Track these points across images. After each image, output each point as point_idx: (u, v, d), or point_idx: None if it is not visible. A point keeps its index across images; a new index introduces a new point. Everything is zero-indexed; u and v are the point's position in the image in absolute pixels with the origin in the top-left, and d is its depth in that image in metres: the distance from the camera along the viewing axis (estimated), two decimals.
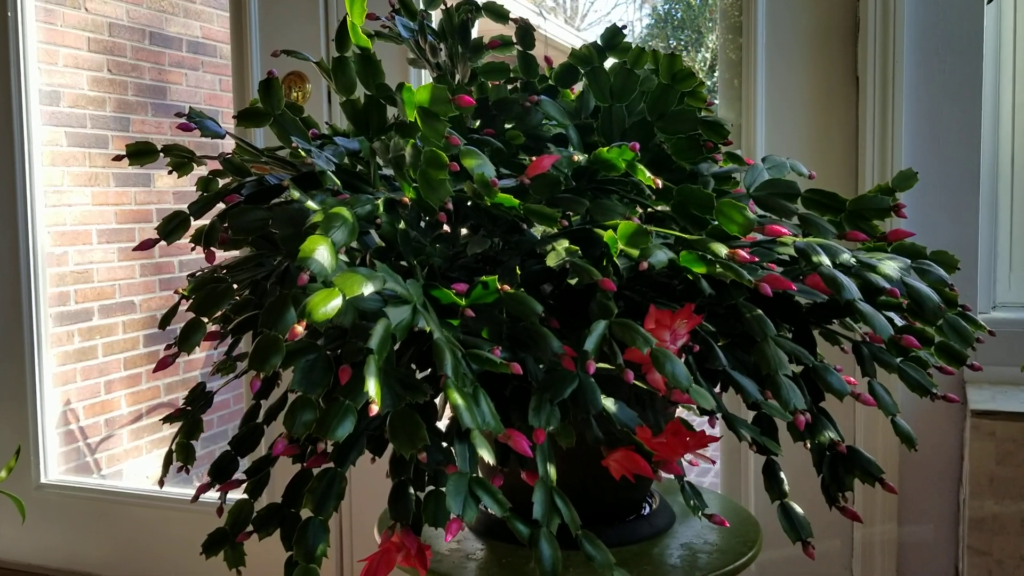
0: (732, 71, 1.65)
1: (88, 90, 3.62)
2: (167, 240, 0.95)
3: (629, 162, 0.86)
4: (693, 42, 8.60)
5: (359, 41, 0.84)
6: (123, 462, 3.89)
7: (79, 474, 3.61)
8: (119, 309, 3.80)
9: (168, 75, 4.06)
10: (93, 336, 3.67)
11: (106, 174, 3.71)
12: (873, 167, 1.51)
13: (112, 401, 3.80)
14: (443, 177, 0.78)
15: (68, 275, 3.52)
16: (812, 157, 1.58)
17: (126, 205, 3.82)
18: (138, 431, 3.95)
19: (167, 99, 4.03)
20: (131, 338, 3.89)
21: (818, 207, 0.96)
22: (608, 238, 0.85)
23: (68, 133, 3.51)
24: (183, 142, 4.10)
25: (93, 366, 3.67)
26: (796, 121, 1.59)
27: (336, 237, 0.75)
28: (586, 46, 1.00)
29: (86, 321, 3.62)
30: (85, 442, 3.71)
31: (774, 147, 1.59)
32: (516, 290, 0.82)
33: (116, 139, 3.76)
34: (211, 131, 0.94)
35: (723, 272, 0.82)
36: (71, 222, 3.53)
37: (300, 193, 0.77)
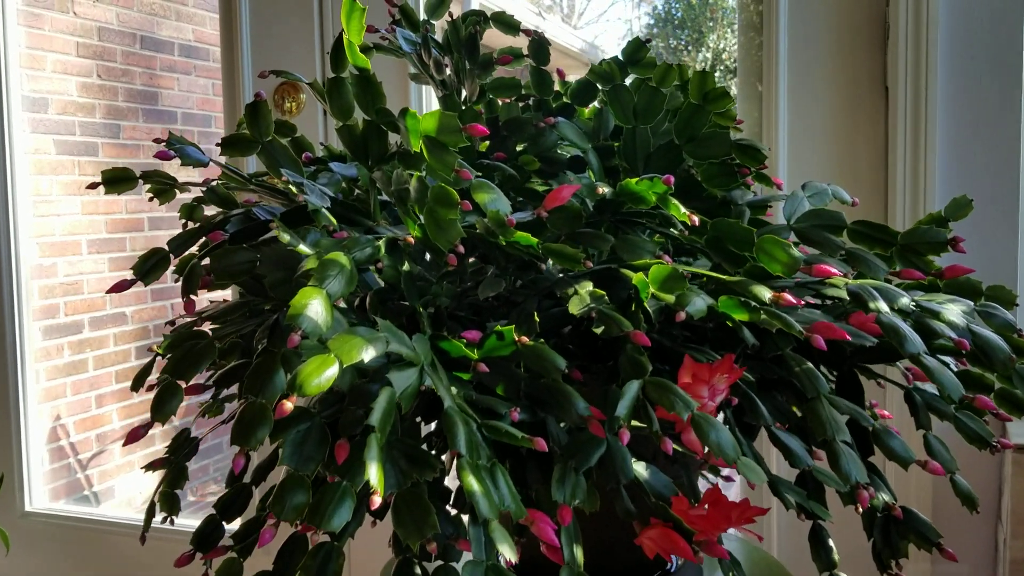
0: (752, 78, 1.55)
1: (77, 96, 3.52)
2: (144, 281, 0.86)
3: (661, 195, 0.76)
4: (694, 41, 8.51)
5: (357, 61, 0.74)
6: (115, 478, 3.79)
7: (70, 492, 3.51)
8: (110, 321, 3.71)
9: (160, 80, 3.96)
10: (83, 349, 3.58)
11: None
12: (904, 183, 1.42)
13: (103, 415, 3.70)
14: (453, 217, 0.68)
15: (57, 287, 3.42)
16: (837, 172, 1.48)
17: (117, 214, 3.72)
18: (130, 446, 3.86)
19: (159, 104, 3.93)
20: (122, 351, 3.79)
21: (865, 240, 0.86)
22: (638, 281, 0.75)
23: (56, 141, 3.41)
24: None
25: (83, 380, 3.58)
26: (820, 134, 1.49)
27: (332, 288, 0.65)
28: (606, 62, 0.91)
29: (76, 334, 3.52)
30: (76, 458, 3.61)
31: (796, 161, 1.50)
32: (536, 342, 0.73)
33: (106, 146, 3.67)
34: (193, 159, 0.85)
35: (768, 320, 0.72)
36: (60, 232, 3.44)
37: (290, 236, 0.68)
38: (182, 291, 0.75)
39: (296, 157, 0.81)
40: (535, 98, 1.00)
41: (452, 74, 1.00)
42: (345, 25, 0.72)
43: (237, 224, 0.82)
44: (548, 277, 0.81)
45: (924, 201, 1.41)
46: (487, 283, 0.80)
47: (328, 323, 0.63)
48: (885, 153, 1.46)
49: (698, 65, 8.36)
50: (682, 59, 8.45)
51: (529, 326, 0.76)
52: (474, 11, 1.02)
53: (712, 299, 0.75)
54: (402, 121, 0.72)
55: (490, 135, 0.97)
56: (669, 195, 0.76)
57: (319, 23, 1.78)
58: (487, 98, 1.03)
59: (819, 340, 0.71)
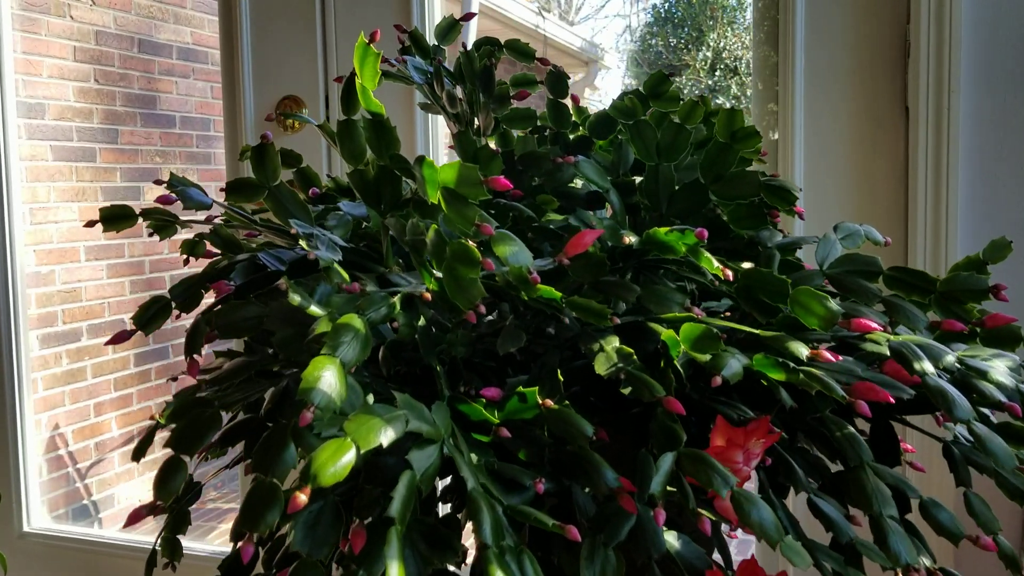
0: (767, 97, 1.51)
1: (74, 101, 3.47)
2: (144, 331, 0.82)
3: (692, 247, 0.72)
4: (693, 40, 8.45)
5: (371, 107, 0.70)
6: (115, 486, 3.75)
7: (69, 502, 3.47)
8: (109, 328, 3.66)
9: (158, 83, 3.91)
10: (82, 357, 3.53)
11: (94, 188, 3.56)
12: (925, 208, 1.37)
13: (102, 424, 3.66)
14: (474, 276, 0.64)
15: (55, 295, 3.38)
16: (855, 196, 1.44)
17: None
18: (130, 454, 3.81)
19: (157, 108, 3.88)
20: (121, 358, 3.75)
21: (902, 286, 0.82)
22: (668, 338, 0.71)
23: (53, 147, 3.37)
24: (175, 152, 3.94)
25: (82, 388, 3.53)
26: (837, 155, 1.45)
27: (346, 356, 0.61)
28: (628, 96, 0.86)
29: (74, 342, 3.48)
30: (75, 467, 3.57)
31: (812, 184, 1.45)
32: (561, 405, 0.69)
33: (104, 151, 3.62)
34: (195, 202, 0.81)
35: (807, 382, 0.68)
36: (58, 239, 3.39)
37: (301, 297, 0.63)
38: (185, 350, 0.71)
39: (303, 202, 0.77)
40: (551, 130, 0.95)
41: (465, 105, 0.96)
42: (359, 69, 0.67)
43: (243, 273, 0.78)
44: (571, 328, 0.77)
45: (946, 227, 1.36)
46: (507, 336, 0.75)
47: (342, 395, 0.59)
48: (905, 176, 1.41)
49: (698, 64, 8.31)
50: (682, 58, 8.41)
51: (552, 386, 0.72)
52: (488, 40, 0.97)
53: (747, 357, 0.71)
54: (418, 169, 0.68)
55: (505, 169, 0.93)
56: (700, 247, 0.71)
57: (321, 30, 1.73)
58: (501, 129, 0.99)
59: (863, 407, 0.67)
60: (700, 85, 7.20)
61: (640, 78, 8.77)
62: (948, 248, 1.37)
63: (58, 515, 3.45)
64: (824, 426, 0.72)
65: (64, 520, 3.46)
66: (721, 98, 6.81)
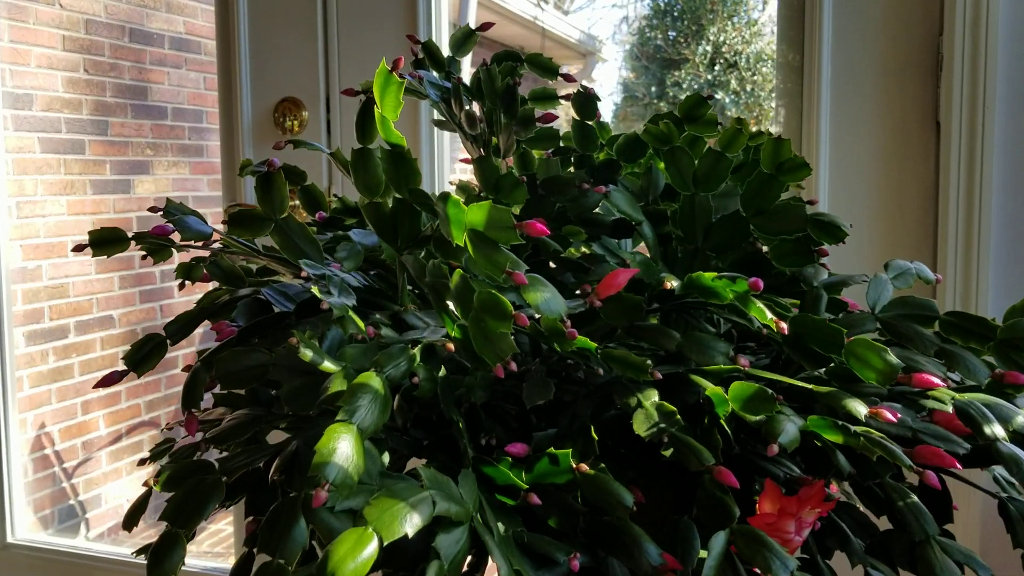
0: (790, 111, 1.45)
1: (63, 92, 3.38)
2: (137, 372, 0.75)
3: (741, 295, 0.66)
4: (693, 34, 8.37)
5: (391, 139, 0.63)
6: (102, 486, 3.67)
7: (55, 502, 3.40)
8: (97, 325, 3.58)
9: (149, 74, 3.82)
10: (69, 354, 3.46)
11: (83, 181, 3.48)
12: (956, 229, 1.31)
13: (89, 422, 3.58)
14: (505, 331, 0.58)
15: (42, 291, 3.30)
16: (882, 216, 1.38)
17: (104, 214, 3.59)
18: (118, 452, 3.74)
19: (148, 100, 3.79)
20: (110, 355, 3.67)
21: (958, 332, 0.76)
22: (714, 395, 0.65)
23: (41, 139, 3.28)
24: (166, 145, 3.86)
25: (69, 386, 3.46)
26: (864, 173, 1.39)
27: (364, 421, 0.54)
28: (664, 121, 0.80)
29: (62, 339, 3.40)
30: (61, 467, 3.50)
31: (836, 203, 1.39)
32: (596, 469, 0.62)
33: (94, 144, 3.53)
34: (193, 232, 0.74)
35: (868, 447, 0.62)
36: (45, 234, 3.31)
37: (313, 352, 0.57)
38: (183, 404, 0.64)
39: (313, 236, 0.70)
40: (577, 154, 0.89)
41: (484, 125, 0.89)
42: (379, 99, 0.60)
43: (245, 313, 0.71)
44: (604, 380, 0.70)
45: (978, 252, 1.30)
46: (534, 387, 0.69)
47: (360, 467, 0.52)
48: (935, 195, 1.35)
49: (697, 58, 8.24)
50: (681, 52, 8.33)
51: (586, 446, 0.65)
52: (509, 54, 0.91)
53: (801, 418, 0.64)
54: (442, 206, 0.61)
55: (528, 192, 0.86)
56: (751, 295, 0.65)
57: (322, 29, 1.66)
58: (521, 149, 0.92)
59: (932, 478, 0.60)
60: (699, 80, 7.14)
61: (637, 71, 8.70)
62: (980, 274, 1.31)
63: (44, 516, 3.38)
64: (884, 492, 0.66)
65: (50, 521, 3.39)
66: (720, 93, 6.76)
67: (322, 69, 1.67)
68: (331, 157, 0.81)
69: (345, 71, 1.67)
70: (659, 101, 6.59)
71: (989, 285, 1.32)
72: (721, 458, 0.63)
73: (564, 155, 0.91)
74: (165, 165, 3.88)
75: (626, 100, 6.69)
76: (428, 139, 1.53)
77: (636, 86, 6.76)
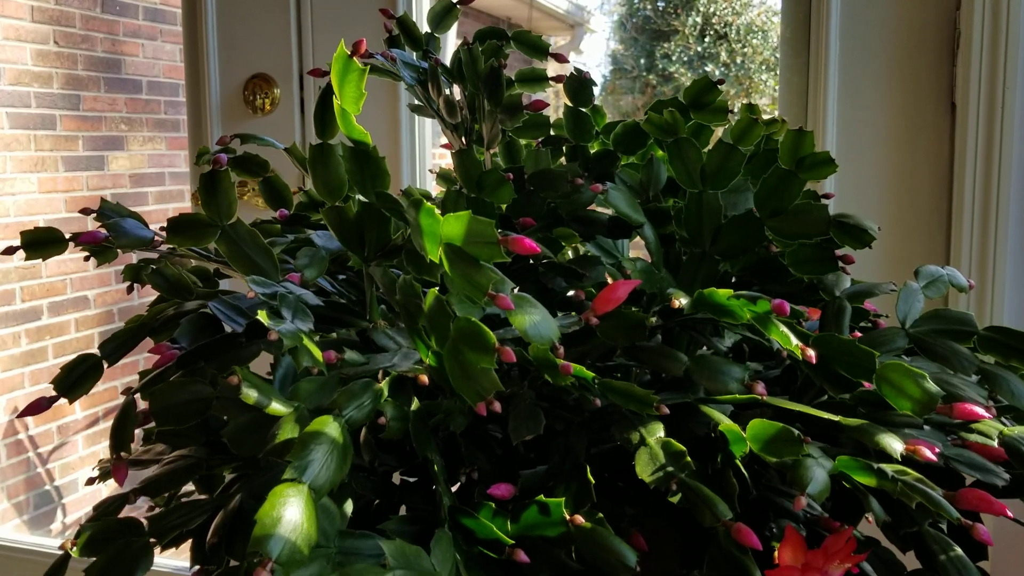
0: (795, 90, 1.35)
1: (32, 65, 3.25)
2: (69, 398, 0.66)
3: (761, 317, 0.57)
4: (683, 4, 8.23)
5: (353, 134, 0.54)
6: (78, 471, 3.58)
7: (29, 488, 3.31)
8: (71, 306, 3.48)
9: (123, 46, 3.68)
10: (43, 337, 3.35)
11: (54, 158, 3.36)
12: (972, 217, 1.23)
13: (64, 406, 3.48)
14: (487, 367, 0.49)
15: (12, 271, 3.19)
16: (893, 203, 1.29)
17: (77, 192, 3.47)
18: (94, 436, 3.65)
19: (122, 73, 3.66)
20: (85, 336, 3.56)
21: (999, 350, 0.67)
22: (729, 432, 0.56)
23: (10, 114, 3.15)
24: (141, 119, 3.73)
25: (43, 369, 3.36)
26: (873, 157, 1.30)
27: (317, 479, 0.46)
28: (668, 111, 0.70)
29: (34, 321, 3.30)
30: (36, 452, 3.41)
31: (844, 187, 1.30)
32: (594, 521, 0.54)
33: (65, 119, 3.41)
34: (131, 238, 0.64)
35: (907, 494, 0.53)
36: (15, 213, 3.19)
37: (258, 394, 0.48)
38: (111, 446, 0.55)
39: (266, 245, 0.60)
40: (570, 144, 0.79)
41: (465, 110, 0.79)
42: (338, 88, 0.51)
43: (190, 332, 0.62)
44: (602, 411, 0.62)
45: (995, 241, 1.22)
46: (521, 419, 0.60)
47: (311, 538, 0.44)
48: (950, 181, 1.26)
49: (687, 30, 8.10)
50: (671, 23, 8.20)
51: (581, 491, 0.57)
52: (493, 31, 0.81)
53: (829, 458, 0.56)
54: (414, 214, 0.52)
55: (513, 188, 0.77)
56: (774, 317, 0.56)
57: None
58: (507, 138, 0.83)
59: (984, 534, 0.52)
60: (689, 52, 7.03)
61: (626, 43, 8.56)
62: (996, 264, 1.23)
63: (18, 502, 3.29)
64: (923, 542, 0.57)
65: (25, 508, 3.30)
66: (711, 65, 6.65)
67: (295, 44, 1.57)
68: (287, 153, 0.71)
69: (320, 46, 1.56)
70: (648, 73, 6.48)
71: (1006, 276, 1.23)
72: (738, 506, 0.55)
73: (555, 144, 0.81)
74: (140, 140, 3.75)
75: (615, 73, 6.57)
76: (408, 122, 1.43)
77: (625, 58, 6.64)
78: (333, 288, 0.74)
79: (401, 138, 1.42)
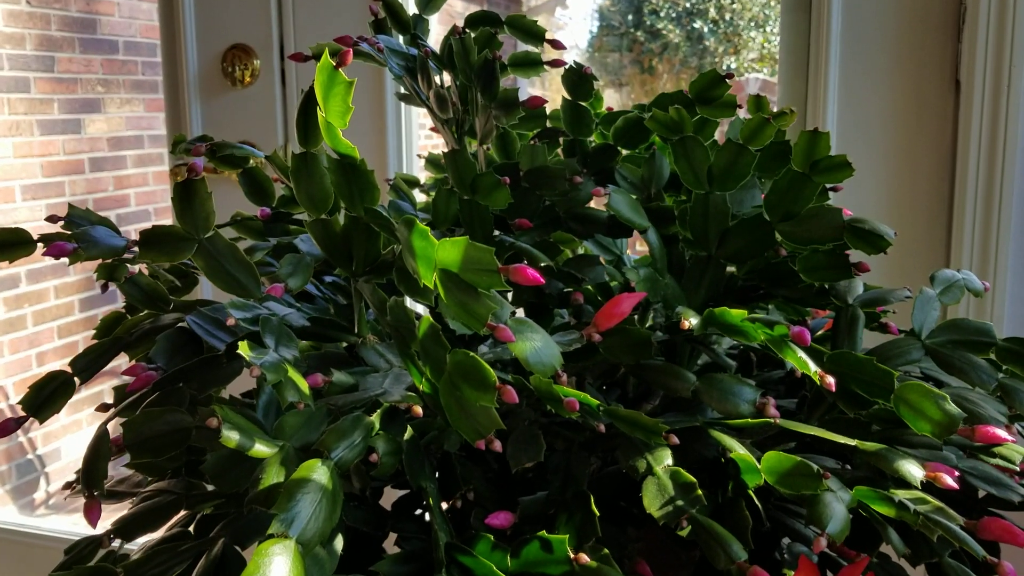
0: (795, 67, 1.31)
1: (4, 26, 3.15)
2: (39, 418, 0.62)
3: (776, 340, 0.53)
4: None
5: (340, 148, 0.49)
6: (61, 439, 3.55)
7: (11, 457, 3.27)
8: (50, 273, 3.41)
9: (98, 5, 3.58)
10: (21, 304, 3.29)
11: (29, 122, 3.27)
12: (975, 198, 1.19)
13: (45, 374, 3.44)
14: (487, 404, 0.45)
15: None
16: (893, 183, 1.26)
17: (54, 156, 3.39)
18: (76, 404, 3.61)
19: (97, 33, 3.56)
20: (65, 304, 3.51)
21: (1018, 361, 0.64)
22: (742, 461, 0.53)
23: None
24: (118, 81, 3.64)
25: (22, 337, 3.30)
26: (874, 136, 1.26)
27: (305, 532, 0.42)
28: (674, 107, 0.66)
29: (12, 289, 3.24)
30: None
31: None
32: (599, 560, 0.51)
33: (40, 81, 3.31)
34: (103, 247, 0.60)
35: (928, 526, 0.51)
36: None
37: (240, 436, 0.44)
38: (83, 481, 0.51)
39: (246, 259, 0.56)
40: (568, 139, 0.75)
41: (456, 100, 0.75)
42: (322, 101, 0.47)
43: (167, 349, 0.58)
44: (607, 439, 0.58)
45: (999, 220, 1.19)
46: (520, 444, 0.57)
47: None
48: (952, 160, 1.23)
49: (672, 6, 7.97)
50: None
51: (585, 523, 0.53)
52: (486, 16, 0.76)
53: (847, 490, 0.53)
54: (405, 234, 0.48)
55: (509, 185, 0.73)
56: (789, 341, 0.53)
57: None
58: (501, 130, 0.79)
59: (1009, 571, 0.49)
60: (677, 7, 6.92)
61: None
62: (1000, 248, 1.20)
63: (1, 472, 3.26)
64: (941, 572, 0.55)
65: (8, 477, 3.27)
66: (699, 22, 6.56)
67: (275, 13, 1.51)
68: (267, 160, 0.67)
69: (301, 15, 1.50)
70: (636, 30, 6.38)
71: (1008, 261, 1.21)
72: (751, 542, 0.52)
73: (552, 137, 0.77)
74: (118, 103, 3.66)
75: (602, 29, 6.47)
76: (394, 104, 1.38)
77: (612, 14, 6.53)
78: (319, 292, 0.70)
79: (387, 120, 1.37)
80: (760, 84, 5.17)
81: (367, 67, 1.37)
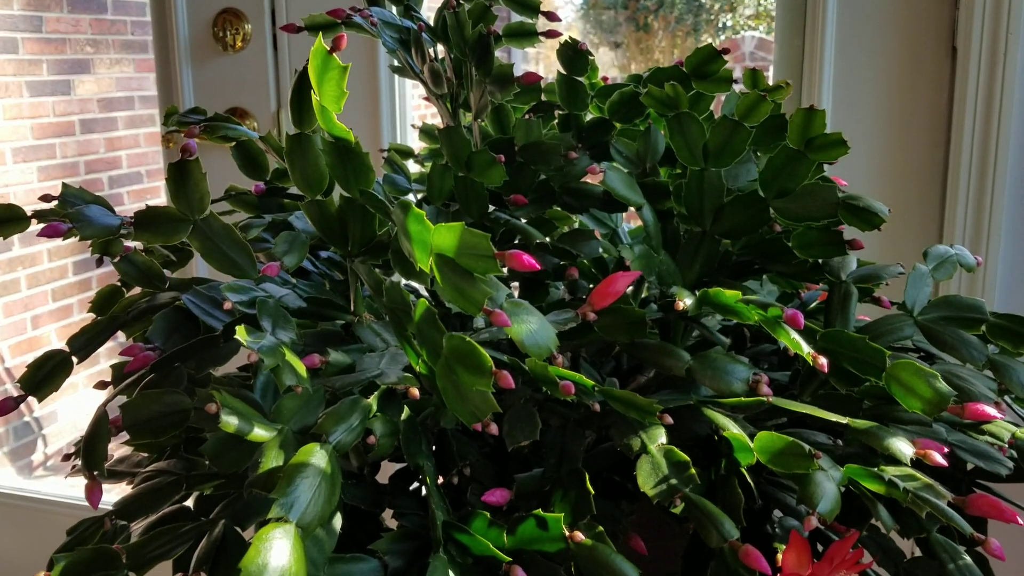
0: (790, 32, 1.30)
1: None
2: (37, 396, 0.63)
3: (771, 321, 0.54)
4: None
5: (335, 131, 0.49)
6: (56, 401, 3.56)
7: (8, 419, 3.28)
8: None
9: None
10: (14, 268, 3.29)
11: (18, 83, 3.24)
12: (970, 165, 1.19)
13: (41, 337, 3.44)
14: (483, 389, 0.46)
15: None
16: (887, 149, 1.26)
17: (44, 118, 3.36)
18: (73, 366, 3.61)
19: None
20: (58, 267, 3.50)
21: (1010, 337, 0.65)
22: (735, 440, 0.54)
23: None
24: (108, 41, 3.59)
25: (16, 301, 3.30)
26: (869, 102, 1.25)
27: (305, 516, 0.43)
28: (669, 84, 0.66)
29: (5, 252, 3.23)
30: (14, 383, 3.37)
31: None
32: (594, 538, 0.51)
33: (28, 42, 3.27)
34: (98, 227, 0.60)
35: (917, 503, 0.52)
36: None
37: (239, 421, 0.45)
38: (83, 463, 0.52)
39: (242, 239, 0.56)
40: (563, 114, 0.75)
41: (452, 76, 0.74)
42: (317, 86, 0.46)
43: (164, 329, 0.58)
44: (602, 418, 0.59)
45: (993, 187, 1.19)
46: (516, 422, 0.57)
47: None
48: (948, 127, 1.23)
49: None
50: None
51: (581, 501, 0.54)
52: None
53: (838, 468, 0.54)
54: (401, 217, 0.48)
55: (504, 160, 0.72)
56: (782, 322, 0.53)
57: None
58: (495, 105, 0.78)
59: (997, 549, 0.50)
60: None
61: None
62: (993, 215, 1.20)
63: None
64: (930, 549, 0.56)
65: (4, 440, 3.29)
66: None
67: None
68: (262, 141, 0.67)
69: None
70: None
71: (1002, 228, 1.21)
72: (743, 520, 0.53)
73: (547, 111, 0.77)
74: (107, 63, 3.62)
75: None
76: (387, 75, 1.37)
77: None
78: (315, 268, 0.70)
79: (380, 89, 1.36)
80: (756, 42, 5.11)
81: (360, 36, 1.36)
